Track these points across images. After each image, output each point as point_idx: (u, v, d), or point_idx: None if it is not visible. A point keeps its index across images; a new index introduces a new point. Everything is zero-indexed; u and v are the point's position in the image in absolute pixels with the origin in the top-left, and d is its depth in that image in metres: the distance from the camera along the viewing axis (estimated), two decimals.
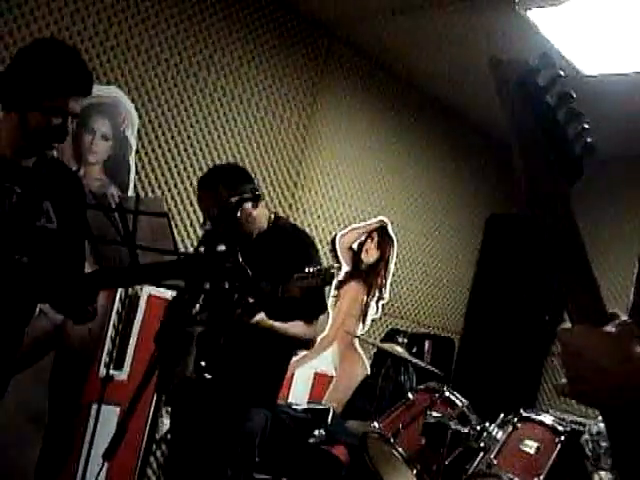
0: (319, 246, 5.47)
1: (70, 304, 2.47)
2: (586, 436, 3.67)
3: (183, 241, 4.57)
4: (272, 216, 3.37)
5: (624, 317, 1.10)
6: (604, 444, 3.60)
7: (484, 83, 5.55)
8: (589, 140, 1.05)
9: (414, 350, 4.86)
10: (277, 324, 3.03)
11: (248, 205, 3.17)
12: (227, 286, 2.52)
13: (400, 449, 3.70)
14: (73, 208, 2.62)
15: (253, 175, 4.87)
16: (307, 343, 3.30)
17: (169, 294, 3.87)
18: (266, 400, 3.23)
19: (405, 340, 4.65)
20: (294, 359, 5.34)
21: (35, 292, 2.51)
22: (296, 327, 3.13)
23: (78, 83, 2.46)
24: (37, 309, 3.89)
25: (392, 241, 6.10)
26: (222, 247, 2.45)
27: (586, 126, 1.05)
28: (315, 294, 3.19)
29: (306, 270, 2.75)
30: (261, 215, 3.28)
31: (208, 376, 2.91)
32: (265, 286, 2.82)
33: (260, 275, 2.83)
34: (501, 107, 1.07)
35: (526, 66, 1.04)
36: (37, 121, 2.39)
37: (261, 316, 2.93)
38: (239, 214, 3.11)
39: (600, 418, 3.28)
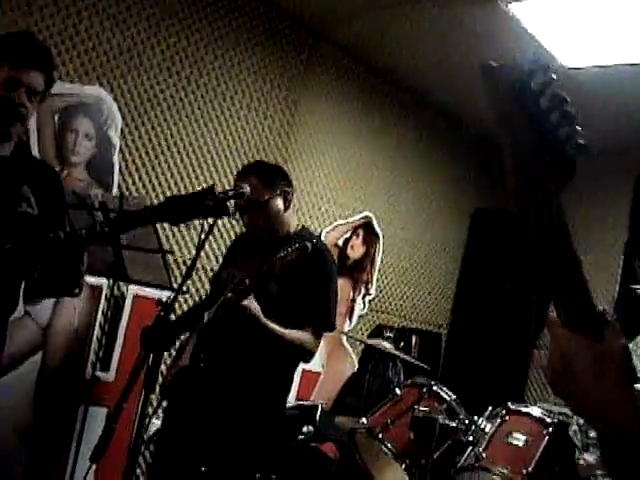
0: None
1: (59, 266, 2.44)
2: (574, 427, 3.68)
3: (168, 239, 4.55)
4: (300, 226, 3.39)
5: (614, 323, 1.11)
6: (592, 434, 3.61)
7: (467, 78, 5.59)
8: (581, 141, 1.05)
9: (401, 345, 4.86)
10: (274, 325, 3.01)
11: (279, 202, 3.21)
12: (211, 222, 2.52)
13: (389, 444, 3.70)
14: (53, 199, 2.61)
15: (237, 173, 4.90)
16: (306, 353, 3.26)
17: (155, 294, 3.86)
18: (273, 401, 3.22)
19: (392, 335, 4.65)
20: None
21: (18, 275, 2.50)
22: (295, 334, 3.10)
23: (24, 54, 2.46)
24: (22, 310, 3.88)
25: (377, 237, 6.11)
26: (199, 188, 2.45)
27: (578, 128, 1.05)
28: (326, 309, 3.22)
29: (288, 249, 2.80)
30: (290, 219, 3.30)
31: (202, 365, 2.90)
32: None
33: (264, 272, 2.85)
34: (492, 111, 1.06)
35: (518, 70, 1.03)
36: None
37: (254, 304, 2.92)
38: (269, 208, 3.16)
39: None
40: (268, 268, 2.81)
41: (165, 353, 2.48)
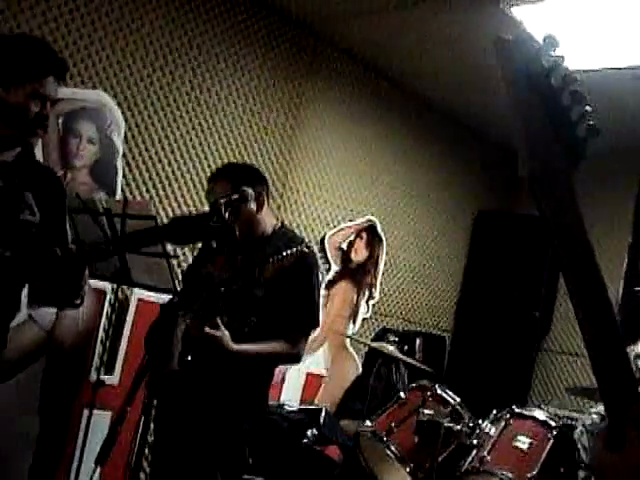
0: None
1: (59, 281, 2.44)
2: (580, 428, 3.67)
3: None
4: (279, 224, 3.36)
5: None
6: None
7: (470, 81, 5.58)
8: (592, 122, 1.05)
9: (405, 349, 4.86)
10: (246, 347, 3.01)
11: (252, 206, 3.18)
12: (214, 245, 2.51)
13: (393, 447, 3.71)
14: (55, 205, 2.61)
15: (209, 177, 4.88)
16: (292, 359, 3.29)
17: (159, 298, 3.85)
18: (255, 402, 3.23)
19: (396, 339, 4.65)
20: None
21: (19, 283, 2.50)
22: (270, 347, 3.11)
23: (46, 65, 2.47)
24: (26, 314, 3.88)
25: (381, 240, 6.10)
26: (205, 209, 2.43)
27: (589, 108, 1.05)
28: (309, 310, 3.22)
29: (283, 253, 2.78)
30: (265, 218, 3.28)
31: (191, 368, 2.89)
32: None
33: (248, 277, 2.84)
34: (505, 87, 1.06)
35: (531, 46, 1.03)
36: (16, 108, 2.40)
37: (219, 332, 2.92)
38: (241, 212, 3.12)
39: (593, 410, 3.27)
40: (259, 273, 2.80)
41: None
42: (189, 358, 2.89)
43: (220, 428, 3.09)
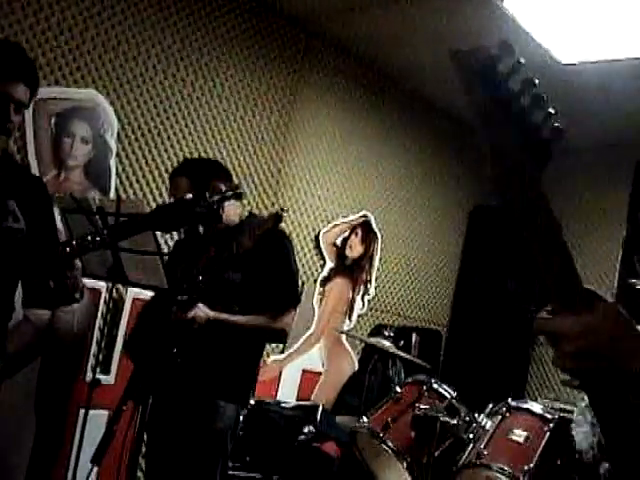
0: (303, 242, 5.49)
1: (54, 275, 2.41)
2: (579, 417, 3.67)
3: (166, 242, 4.55)
4: (245, 213, 3.43)
5: (605, 297, 1.11)
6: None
7: None
8: (556, 124, 1.06)
9: (401, 344, 4.86)
10: (233, 317, 3.08)
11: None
12: (201, 230, 2.52)
13: (390, 443, 3.71)
14: (41, 209, 2.59)
15: (235, 173, 4.89)
16: (277, 335, 3.34)
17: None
18: (237, 394, 3.26)
19: (392, 334, 4.65)
20: (281, 357, 5.35)
21: (11, 284, 2.49)
22: (257, 319, 3.17)
23: (13, 67, 2.41)
24: (21, 315, 3.87)
25: (376, 236, 6.10)
26: (189, 195, 2.42)
27: (552, 110, 1.06)
28: (289, 285, 3.29)
29: (255, 223, 2.83)
30: (229, 212, 3.30)
31: (179, 360, 2.91)
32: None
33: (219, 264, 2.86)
34: (465, 96, 1.07)
35: (486, 54, 1.05)
36: None
37: (199, 312, 2.95)
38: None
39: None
40: (237, 247, 2.82)
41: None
42: (175, 350, 2.91)
43: (201, 424, 3.13)
